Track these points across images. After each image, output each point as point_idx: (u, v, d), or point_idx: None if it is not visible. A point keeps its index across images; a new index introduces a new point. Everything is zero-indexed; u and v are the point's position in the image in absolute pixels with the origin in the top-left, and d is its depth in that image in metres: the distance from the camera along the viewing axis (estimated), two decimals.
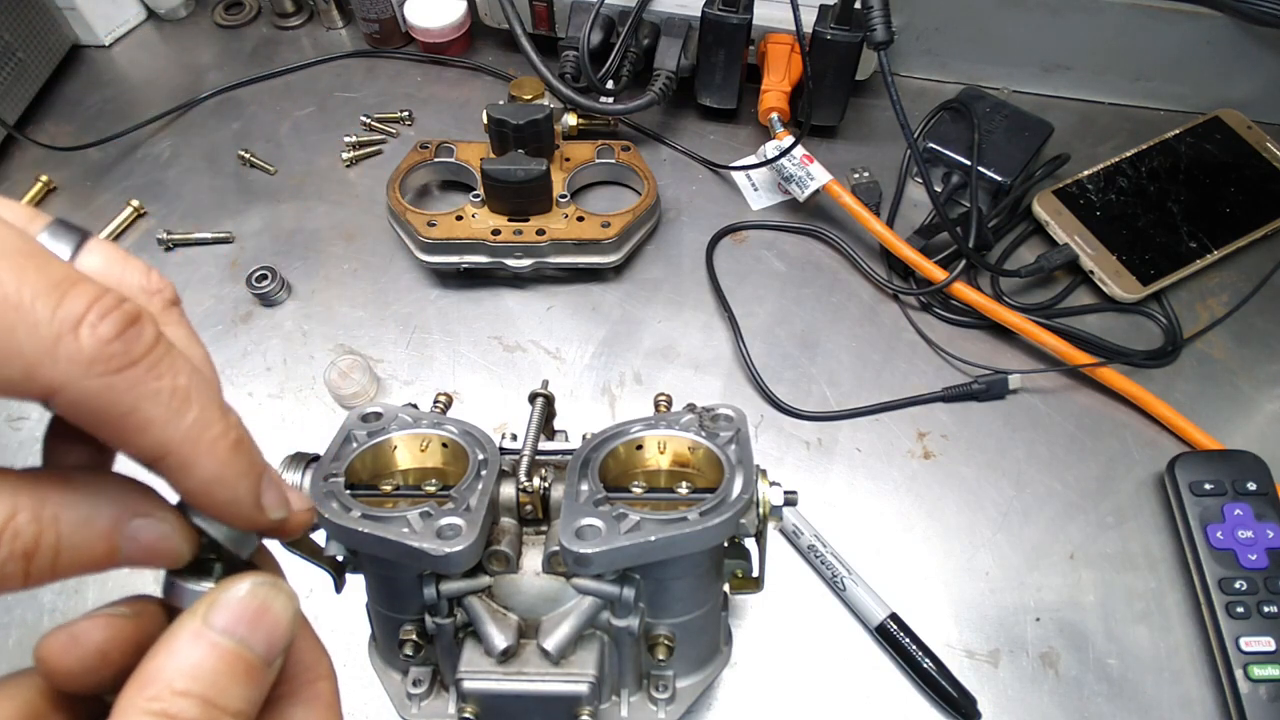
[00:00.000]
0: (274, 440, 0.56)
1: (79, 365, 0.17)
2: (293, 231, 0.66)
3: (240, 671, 0.19)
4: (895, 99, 0.54)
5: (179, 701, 0.18)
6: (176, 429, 0.18)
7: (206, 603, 0.20)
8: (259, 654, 0.20)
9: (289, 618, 0.21)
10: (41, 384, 0.17)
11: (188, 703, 0.18)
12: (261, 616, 0.20)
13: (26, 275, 0.16)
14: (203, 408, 0.19)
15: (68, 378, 0.17)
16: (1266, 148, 0.65)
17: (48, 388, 0.17)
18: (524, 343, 0.61)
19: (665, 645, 0.37)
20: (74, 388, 0.17)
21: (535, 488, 0.36)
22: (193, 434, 0.19)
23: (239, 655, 0.19)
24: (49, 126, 0.72)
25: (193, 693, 0.18)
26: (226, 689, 0.19)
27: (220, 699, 0.19)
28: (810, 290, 0.63)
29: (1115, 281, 0.60)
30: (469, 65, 0.76)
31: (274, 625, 0.20)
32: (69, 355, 0.17)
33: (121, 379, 0.17)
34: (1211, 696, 0.48)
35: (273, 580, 0.21)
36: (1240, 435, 0.56)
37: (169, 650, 0.19)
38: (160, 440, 0.18)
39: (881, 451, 0.56)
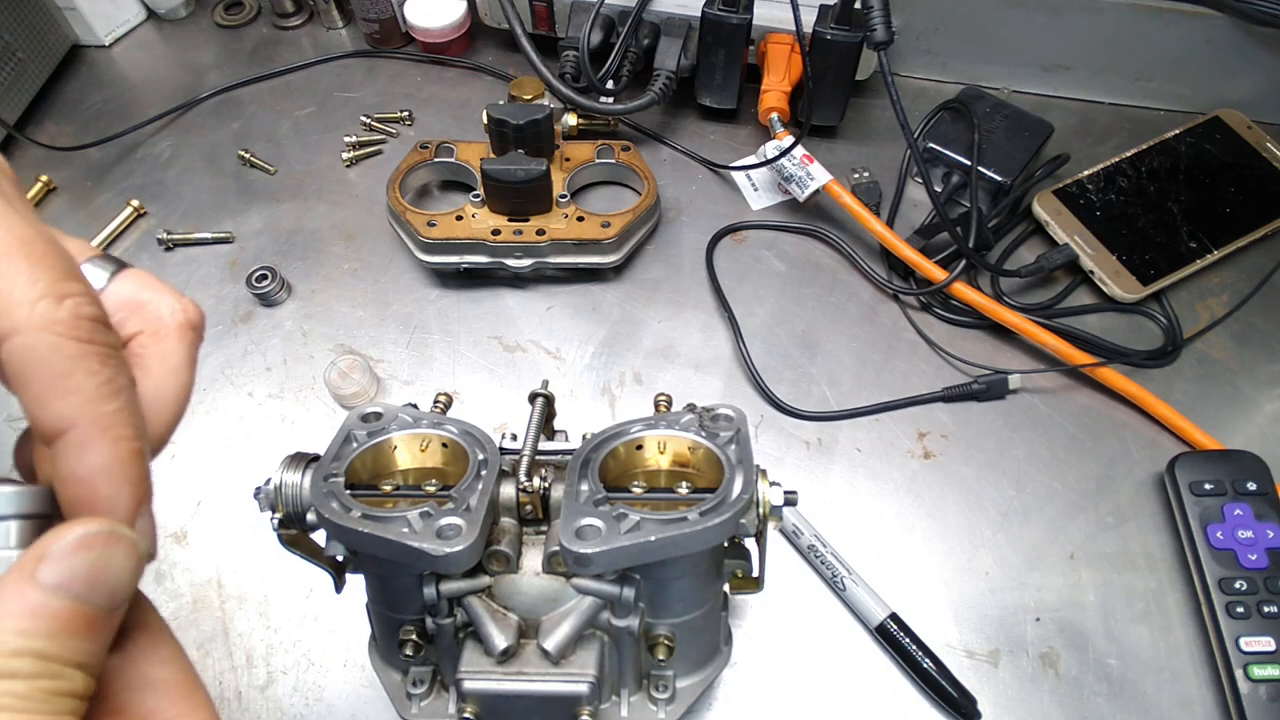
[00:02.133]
0: (274, 440, 0.56)
1: (46, 319, 0.18)
2: (293, 231, 0.66)
3: (82, 626, 0.18)
4: (895, 99, 0.54)
5: (13, 662, 0.17)
6: (94, 409, 0.19)
7: (35, 555, 0.18)
8: (101, 606, 0.19)
9: (134, 565, 0.19)
10: (5, 325, 0.18)
11: (25, 662, 0.17)
12: (102, 570, 0.19)
13: (46, 263, 0.19)
14: (126, 409, 0.20)
15: (29, 325, 0.18)
16: (1266, 148, 0.65)
17: (9, 329, 0.18)
18: (524, 343, 0.61)
19: (665, 645, 0.37)
20: (30, 335, 0.18)
21: (535, 488, 0.36)
22: (105, 422, 0.19)
23: (78, 611, 0.18)
24: (49, 126, 0.72)
25: (27, 651, 0.17)
26: (68, 644, 0.18)
27: (63, 654, 0.18)
28: (810, 290, 0.63)
29: (1115, 281, 0.60)
30: (469, 65, 0.76)
31: (116, 577, 0.19)
32: (44, 312, 0.18)
33: (75, 346, 0.19)
34: (1211, 696, 0.48)
35: (109, 527, 0.19)
36: (1240, 435, 0.56)
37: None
38: (75, 412, 0.19)
39: (881, 451, 0.56)
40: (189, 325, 0.23)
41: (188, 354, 0.23)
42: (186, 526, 0.53)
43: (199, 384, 0.58)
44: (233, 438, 0.57)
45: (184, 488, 0.55)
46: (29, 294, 0.18)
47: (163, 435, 0.23)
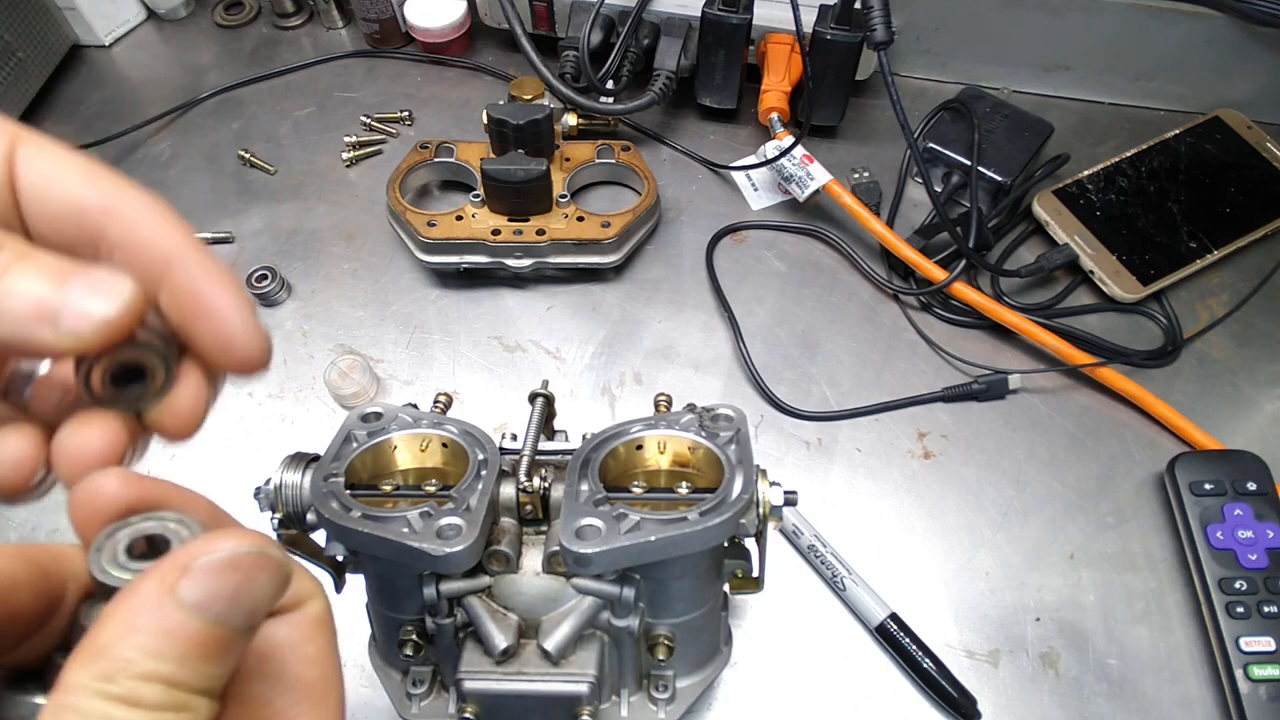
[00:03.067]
0: (274, 440, 0.56)
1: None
2: (293, 231, 0.66)
3: (215, 650, 0.16)
4: (895, 99, 0.54)
5: (141, 687, 0.15)
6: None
7: (175, 567, 0.17)
8: (238, 628, 0.17)
9: (275, 589, 0.18)
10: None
11: (152, 690, 0.15)
12: (245, 592, 0.17)
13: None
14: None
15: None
16: (1266, 148, 0.65)
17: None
18: (524, 343, 0.61)
19: (665, 645, 0.37)
20: None
21: (535, 488, 0.36)
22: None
23: (213, 634, 0.16)
24: (49, 126, 0.72)
25: (156, 675, 0.16)
26: (198, 669, 0.16)
27: (192, 680, 0.16)
28: (810, 290, 0.63)
29: (1115, 281, 0.60)
30: (469, 65, 0.76)
31: (258, 600, 0.17)
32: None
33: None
34: (1211, 696, 0.48)
35: (259, 547, 0.17)
36: (1240, 435, 0.56)
37: (127, 620, 0.16)
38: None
39: (881, 451, 0.56)
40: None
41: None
42: None
43: None
44: (233, 438, 0.57)
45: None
46: None
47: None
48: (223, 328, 0.20)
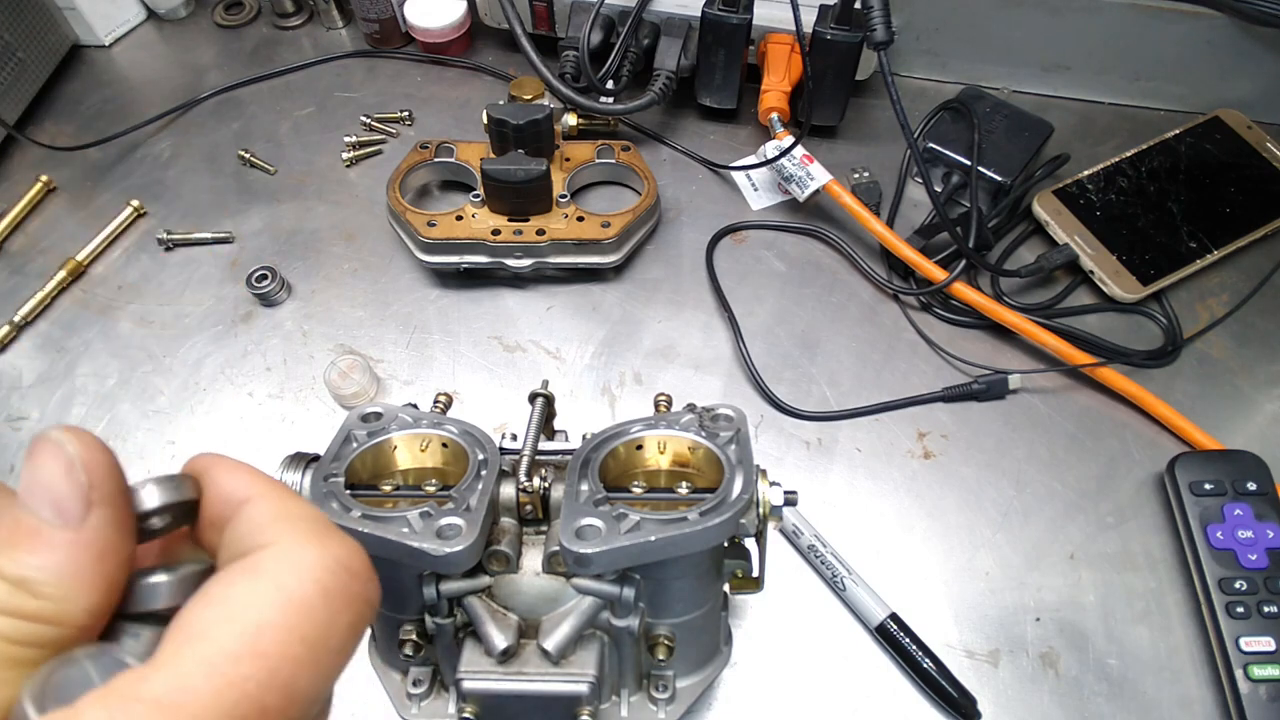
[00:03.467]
0: (274, 440, 0.56)
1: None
2: (293, 231, 0.66)
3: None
4: (895, 99, 0.54)
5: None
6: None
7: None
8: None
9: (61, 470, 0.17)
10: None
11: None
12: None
13: None
14: None
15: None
16: (1266, 148, 0.65)
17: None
18: (524, 343, 0.61)
19: (665, 645, 0.37)
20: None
21: (535, 488, 0.36)
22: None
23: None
24: (49, 126, 0.72)
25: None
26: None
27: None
28: (810, 290, 0.63)
29: (1115, 281, 0.60)
30: (469, 65, 0.76)
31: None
32: None
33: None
34: (1211, 696, 0.48)
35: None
36: (1240, 435, 0.56)
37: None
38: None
39: (881, 451, 0.56)
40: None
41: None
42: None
43: (199, 384, 0.59)
44: (233, 438, 0.57)
45: None
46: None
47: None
48: None
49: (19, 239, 0.66)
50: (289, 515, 0.19)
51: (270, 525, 0.19)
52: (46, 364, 0.60)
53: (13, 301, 0.62)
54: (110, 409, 0.58)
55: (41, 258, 0.65)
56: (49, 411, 0.58)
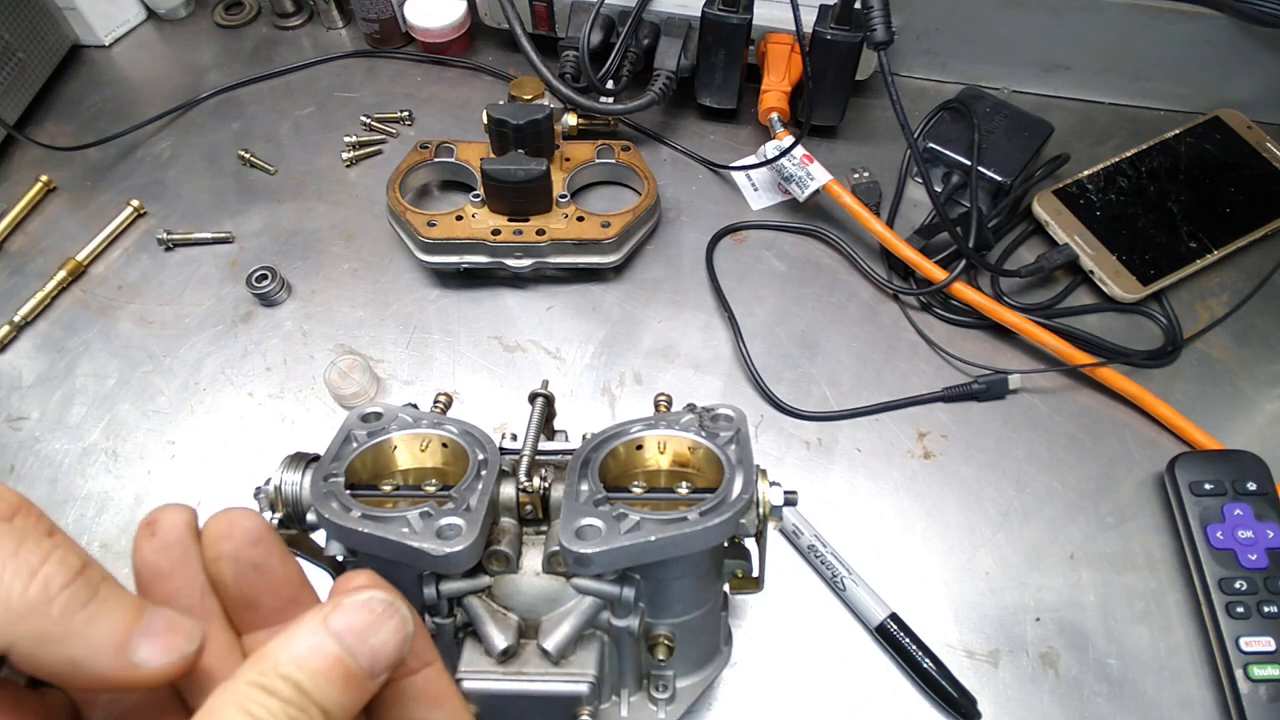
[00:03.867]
0: (274, 440, 0.56)
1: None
2: (293, 231, 0.66)
3: (338, 676, 0.20)
4: (895, 99, 0.54)
5: (280, 684, 0.19)
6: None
7: (334, 602, 0.21)
8: (362, 667, 0.21)
9: (398, 640, 0.21)
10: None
11: (285, 686, 0.19)
12: (369, 632, 0.21)
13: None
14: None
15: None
16: (1266, 148, 0.65)
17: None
18: (524, 343, 0.61)
19: (665, 645, 0.37)
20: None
21: (535, 488, 0.36)
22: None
23: (340, 661, 0.20)
24: (49, 126, 0.72)
25: (292, 679, 0.20)
26: (322, 687, 0.20)
27: (315, 694, 0.20)
28: (810, 290, 0.63)
29: (1115, 281, 0.60)
30: (469, 65, 0.76)
31: (381, 645, 0.21)
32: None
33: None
34: (1211, 696, 0.48)
35: (390, 599, 0.22)
36: (1240, 435, 0.56)
37: (290, 634, 0.20)
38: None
39: (881, 451, 0.56)
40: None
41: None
42: None
43: (199, 384, 0.59)
44: (233, 438, 0.57)
45: (184, 488, 0.55)
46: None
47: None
48: None
49: (19, 239, 0.66)
50: (462, 705, 0.25)
51: (455, 710, 0.24)
52: (46, 364, 0.60)
53: (13, 301, 0.62)
54: (110, 409, 0.58)
55: (41, 258, 0.65)
56: (49, 411, 0.58)
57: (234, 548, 0.24)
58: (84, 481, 0.55)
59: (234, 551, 0.24)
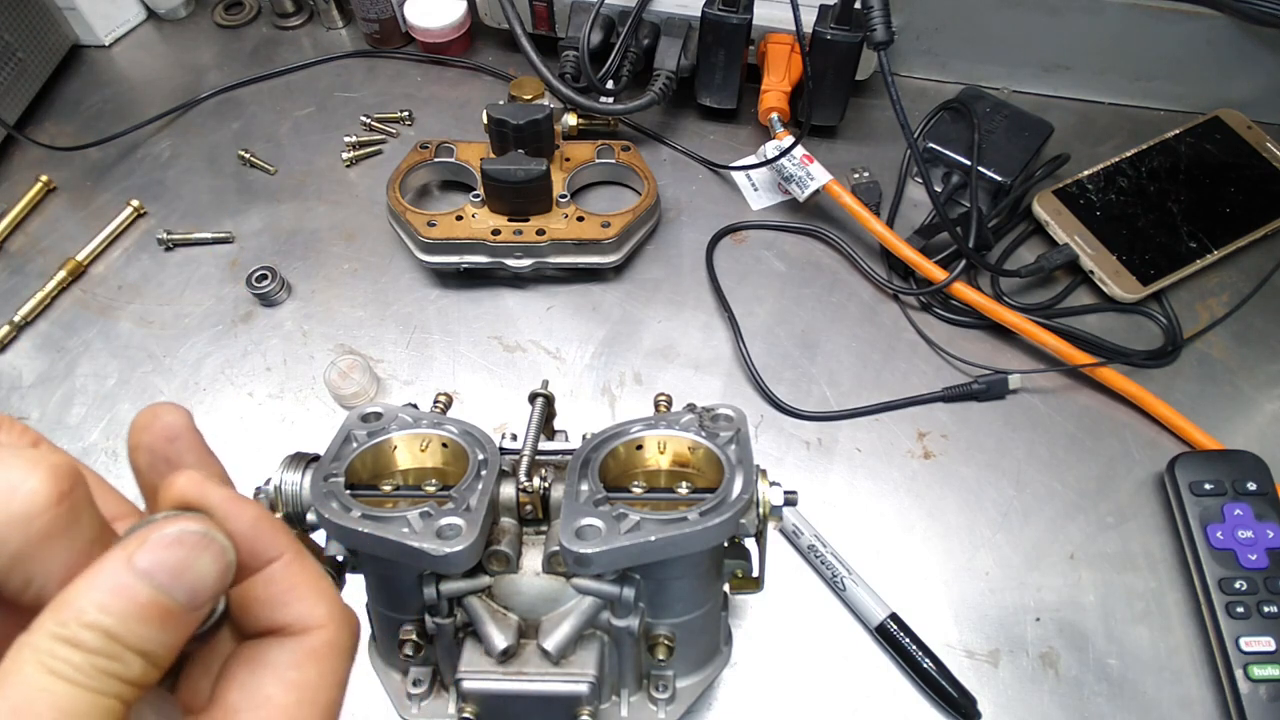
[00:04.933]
0: (274, 440, 0.56)
1: None
2: (293, 231, 0.66)
3: (155, 616, 0.19)
4: (895, 99, 0.54)
5: (84, 633, 0.18)
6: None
7: (138, 539, 0.19)
8: (180, 602, 0.19)
9: (219, 570, 0.20)
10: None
11: (92, 635, 0.18)
12: (183, 568, 0.19)
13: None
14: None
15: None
16: (1266, 148, 0.65)
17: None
18: (524, 343, 0.61)
19: (665, 645, 0.37)
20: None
21: (535, 488, 0.36)
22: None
23: (155, 600, 0.19)
24: (49, 126, 0.72)
25: (100, 626, 0.18)
26: (135, 630, 0.18)
27: (128, 638, 0.18)
28: (810, 290, 0.63)
29: (1115, 281, 0.60)
30: (469, 65, 0.76)
31: (199, 578, 0.20)
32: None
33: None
34: (1211, 696, 0.48)
35: (204, 529, 0.20)
36: (1240, 435, 0.56)
37: (91, 577, 0.19)
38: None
39: (881, 451, 0.56)
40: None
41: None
42: None
43: (199, 384, 0.59)
44: (233, 438, 0.57)
45: None
46: None
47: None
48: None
49: (19, 239, 0.66)
50: (322, 590, 0.23)
51: (311, 600, 0.23)
52: (46, 364, 0.60)
53: (13, 301, 0.62)
54: (110, 409, 0.58)
55: (41, 258, 0.65)
56: (49, 411, 0.58)
57: (150, 439, 0.24)
58: None
59: (150, 443, 0.24)
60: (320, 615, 0.23)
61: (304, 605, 0.22)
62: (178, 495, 0.21)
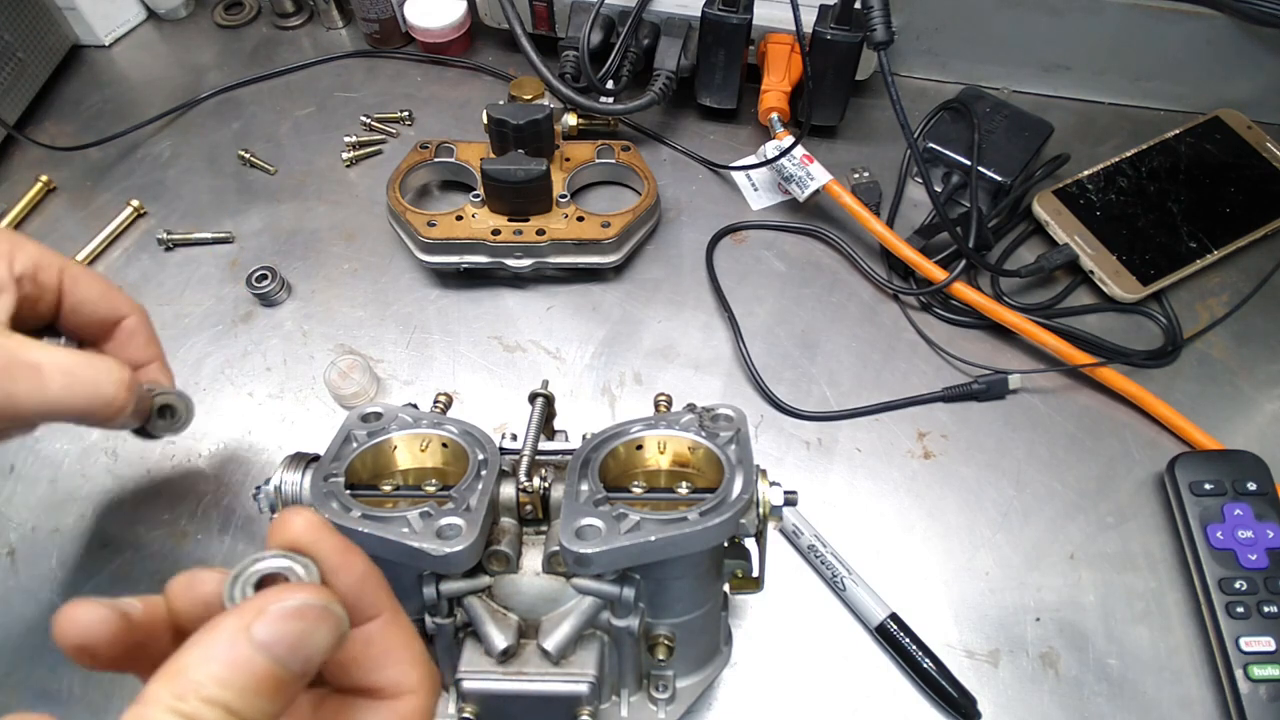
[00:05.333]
0: (274, 440, 0.56)
1: None
2: (293, 231, 0.66)
3: (270, 688, 0.19)
4: (895, 99, 0.54)
5: (204, 710, 0.18)
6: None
7: (255, 608, 0.19)
8: (294, 673, 0.19)
9: (330, 645, 0.20)
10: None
11: (211, 711, 0.18)
12: (305, 640, 0.19)
13: None
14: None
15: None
16: (1266, 148, 0.65)
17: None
18: (524, 343, 0.61)
19: (665, 645, 0.37)
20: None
21: (535, 488, 0.36)
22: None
23: (272, 673, 0.19)
24: (49, 126, 0.72)
25: (218, 701, 0.18)
26: (252, 702, 0.19)
27: (245, 711, 0.18)
28: (810, 290, 0.63)
29: (1115, 281, 0.60)
30: (469, 65, 0.76)
31: (315, 649, 0.20)
32: None
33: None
34: (1211, 696, 0.48)
35: (324, 603, 0.20)
36: (1240, 435, 0.56)
37: (206, 649, 0.19)
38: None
39: (881, 451, 0.56)
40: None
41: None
42: (187, 528, 0.53)
43: (199, 384, 0.59)
44: (233, 438, 0.57)
45: (184, 487, 0.55)
46: None
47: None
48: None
49: None
50: (416, 655, 0.23)
51: (407, 665, 0.23)
52: None
53: None
54: None
55: None
56: None
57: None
58: (84, 481, 0.55)
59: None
60: (413, 681, 0.23)
61: (399, 670, 0.23)
62: (292, 539, 0.21)
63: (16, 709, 0.48)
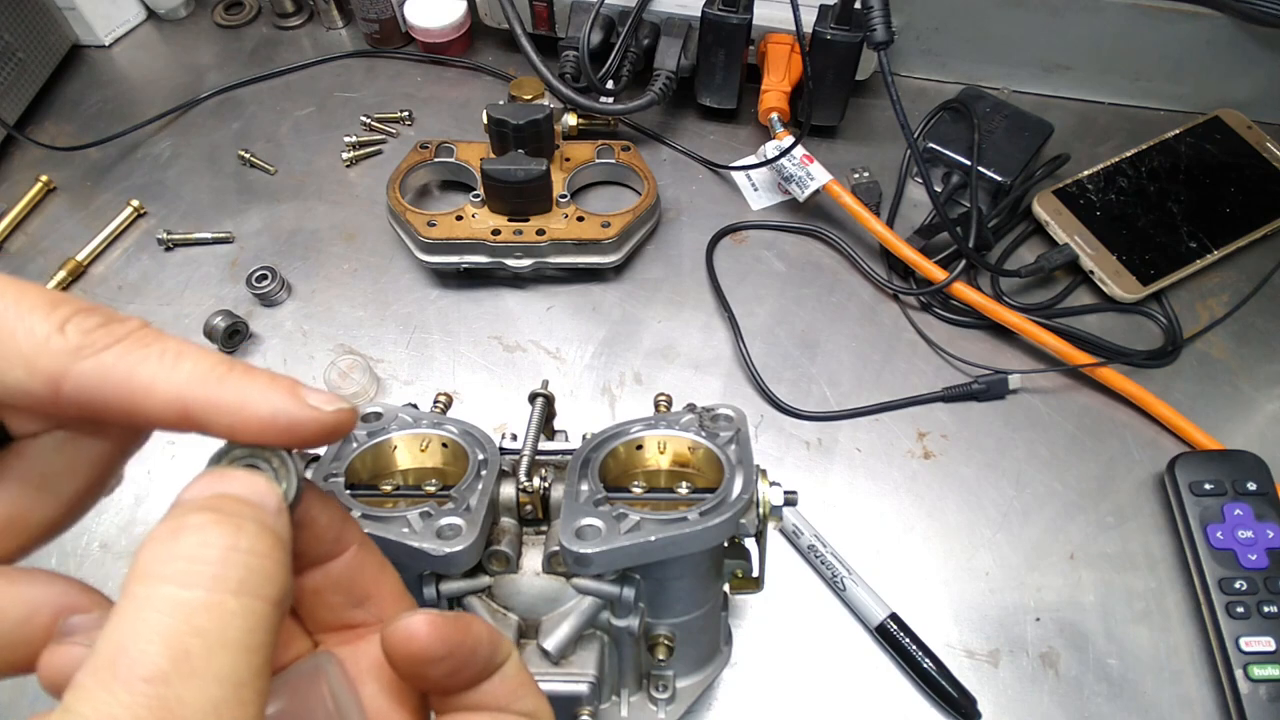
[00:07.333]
0: None
1: (68, 352, 0.19)
2: (293, 231, 0.66)
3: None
4: (895, 99, 0.54)
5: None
6: (179, 375, 0.19)
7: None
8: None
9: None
10: (43, 374, 0.19)
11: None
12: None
13: (26, 298, 0.19)
14: (199, 356, 0.20)
15: (62, 363, 0.19)
16: (1266, 148, 0.65)
17: (50, 376, 0.19)
18: (524, 343, 0.61)
19: (665, 645, 0.37)
20: (74, 371, 0.19)
21: (535, 488, 0.36)
22: (197, 374, 0.19)
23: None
24: (49, 126, 0.72)
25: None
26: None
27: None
28: (810, 290, 0.63)
29: (1115, 281, 0.60)
30: (469, 65, 0.76)
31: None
32: (59, 346, 0.19)
33: (110, 353, 0.19)
34: (1211, 696, 0.48)
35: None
36: (1240, 435, 0.56)
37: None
38: (170, 393, 0.19)
39: (881, 451, 0.56)
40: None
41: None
42: None
43: None
44: None
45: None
46: (38, 334, 0.19)
47: None
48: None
49: (19, 239, 0.66)
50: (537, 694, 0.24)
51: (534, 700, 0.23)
52: None
53: None
54: None
55: (41, 258, 0.65)
56: None
57: None
58: None
59: None
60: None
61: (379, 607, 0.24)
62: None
63: (22, 709, 0.48)
